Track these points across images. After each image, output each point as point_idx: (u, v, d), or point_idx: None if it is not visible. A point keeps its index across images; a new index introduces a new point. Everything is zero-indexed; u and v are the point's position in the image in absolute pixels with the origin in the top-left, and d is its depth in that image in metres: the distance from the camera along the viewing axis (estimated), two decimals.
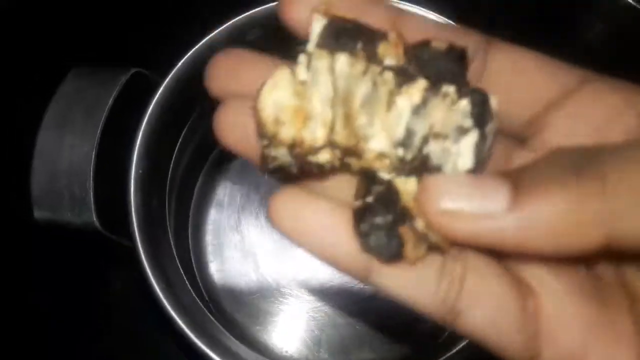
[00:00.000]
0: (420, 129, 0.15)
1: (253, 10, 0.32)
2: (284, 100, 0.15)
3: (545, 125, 0.17)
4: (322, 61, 0.15)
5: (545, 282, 0.16)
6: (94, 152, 0.28)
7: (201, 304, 0.29)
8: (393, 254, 0.16)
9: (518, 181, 0.14)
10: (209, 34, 0.32)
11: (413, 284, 0.16)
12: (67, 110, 0.29)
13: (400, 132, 0.15)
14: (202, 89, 0.34)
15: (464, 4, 0.41)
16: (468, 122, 0.15)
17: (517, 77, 0.17)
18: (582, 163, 0.14)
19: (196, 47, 0.31)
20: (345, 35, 0.15)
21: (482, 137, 0.15)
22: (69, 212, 0.28)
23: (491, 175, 0.15)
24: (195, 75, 0.32)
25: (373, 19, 0.17)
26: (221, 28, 0.32)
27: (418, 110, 0.15)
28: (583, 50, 0.46)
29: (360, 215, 0.16)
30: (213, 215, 0.39)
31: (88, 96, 0.30)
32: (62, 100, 0.30)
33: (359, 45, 0.15)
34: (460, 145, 0.15)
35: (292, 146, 0.15)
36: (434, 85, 0.15)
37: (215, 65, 0.18)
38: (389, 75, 0.15)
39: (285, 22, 0.18)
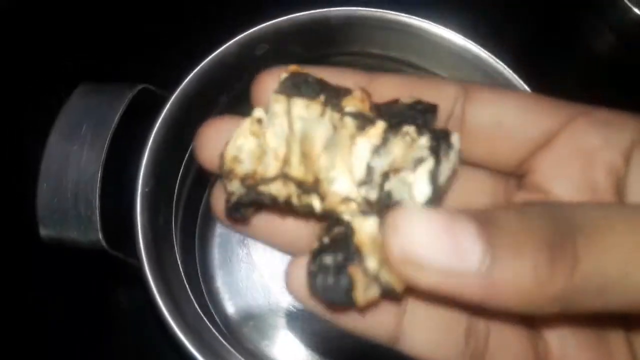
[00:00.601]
0: (380, 166, 0.16)
1: (260, 26, 0.32)
2: (244, 142, 0.16)
3: (532, 168, 0.17)
4: (278, 104, 0.16)
5: (554, 329, 0.17)
6: (100, 171, 0.28)
7: (208, 322, 0.29)
8: (341, 297, 0.15)
9: (491, 236, 0.13)
10: (217, 50, 0.32)
11: (442, 346, 0.17)
12: (74, 126, 0.29)
13: (361, 171, 0.15)
14: (209, 104, 0.34)
15: (471, 14, 0.41)
16: (425, 153, 0.15)
17: (496, 129, 0.17)
18: (556, 232, 0.14)
19: (203, 62, 0.31)
20: (307, 86, 0.16)
21: (438, 164, 0.15)
22: (75, 231, 0.28)
23: (462, 216, 0.14)
24: (202, 91, 0.32)
25: (347, 82, 0.17)
26: (229, 43, 0.32)
27: (378, 149, 0.15)
28: (591, 60, 0.45)
29: (313, 256, 0.16)
30: (219, 229, 0.39)
31: (95, 112, 0.29)
32: (68, 116, 0.30)
33: (321, 97, 0.16)
34: (416, 173, 0.15)
35: (245, 178, 0.16)
36: (394, 127, 0.16)
37: (202, 137, 0.18)
38: (348, 120, 0.16)
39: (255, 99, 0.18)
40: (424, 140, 0.16)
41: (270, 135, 0.16)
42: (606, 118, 0.17)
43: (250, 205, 0.17)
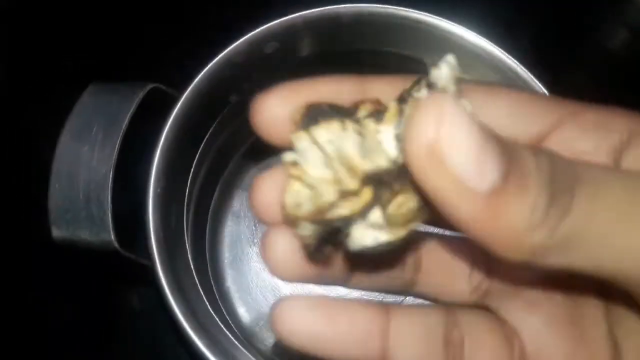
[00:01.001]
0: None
1: (270, 24, 0.32)
2: (295, 186, 0.17)
3: None
4: (303, 141, 0.17)
5: (525, 321, 0.18)
6: (111, 171, 0.28)
7: (220, 323, 0.29)
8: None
9: (510, 166, 0.13)
10: (226, 49, 0.31)
11: (426, 357, 0.17)
12: (85, 126, 0.29)
13: (393, 149, 0.16)
14: (220, 103, 0.34)
15: (481, 12, 0.40)
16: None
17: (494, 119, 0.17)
18: (560, 179, 0.14)
19: (214, 61, 0.31)
20: (323, 115, 0.17)
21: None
22: (87, 231, 0.28)
23: (495, 138, 0.14)
24: (213, 90, 0.32)
25: (344, 96, 0.18)
26: (238, 42, 0.32)
27: (399, 124, 0.16)
28: (605, 57, 0.45)
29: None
30: (230, 227, 0.39)
31: (106, 112, 0.29)
32: (79, 117, 0.30)
33: (338, 118, 0.17)
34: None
35: (311, 216, 0.16)
36: (404, 101, 0.17)
37: (256, 193, 0.18)
38: (367, 121, 0.16)
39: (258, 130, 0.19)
40: (425, 91, 0.16)
41: (312, 169, 0.16)
42: (595, 120, 0.17)
43: (328, 240, 0.17)
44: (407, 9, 0.33)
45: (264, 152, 0.40)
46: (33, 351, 0.36)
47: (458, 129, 0.13)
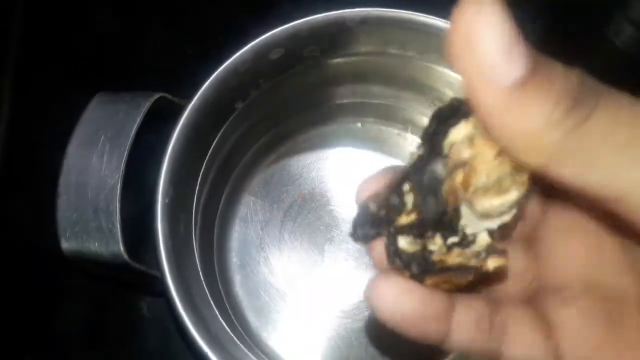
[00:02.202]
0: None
1: (275, 30, 0.32)
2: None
3: None
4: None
5: (562, 314, 0.19)
6: (119, 182, 0.28)
7: (230, 331, 0.29)
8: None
9: (537, 64, 0.14)
10: (232, 56, 0.31)
11: (476, 340, 0.19)
12: (92, 137, 0.29)
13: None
14: (226, 110, 0.34)
15: None
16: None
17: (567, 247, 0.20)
18: (585, 92, 0.14)
19: (219, 69, 0.31)
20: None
21: None
22: (96, 243, 0.28)
23: (525, 46, 0.14)
24: (219, 98, 0.32)
25: None
26: (243, 50, 0.31)
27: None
28: (611, 54, 0.44)
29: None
30: (237, 233, 0.38)
31: (113, 122, 0.29)
32: (86, 127, 0.29)
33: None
34: None
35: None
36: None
37: (377, 296, 0.18)
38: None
39: None
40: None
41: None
42: None
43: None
44: (413, 12, 0.32)
45: (269, 157, 0.40)
46: (41, 354, 0.36)
47: (494, 20, 0.14)
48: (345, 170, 0.40)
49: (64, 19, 0.39)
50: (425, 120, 0.40)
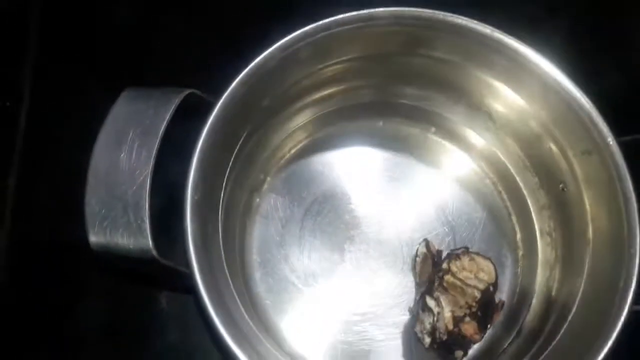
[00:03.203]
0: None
1: (303, 29, 0.32)
2: None
3: None
4: None
5: None
6: (149, 179, 0.28)
7: (257, 331, 0.29)
8: None
9: None
10: (261, 54, 0.31)
11: None
12: (121, 133, 0.29)
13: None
14: (254, 107, 0.34)
15: (519, 17, 0.39)
16: None
17: None
18: None
19: (249, 66, 0.31)
20: None
21: None
22: (124, 239, 0.28)
23: None
24: (248, 95, 0.31)
25: None
26: (273, 47, 0.31)
27: None
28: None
29: None
30: (258, 230, 0.38)
31: (142, 118, 0.29)
32: (115, 123, 0.29)
33: None
34: None
35: None
36: None
37: None
38: None
39: None
40: None
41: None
42: None
43: None
44: (445, 13, 0.32)
45: (292, 154, 0.40)
46: (61, 347, 0.36)
47: None
48: (367, 169, 0.40)
49: (91, 11, 0.39)
50: (450, 123, 0.40)
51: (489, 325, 0.35)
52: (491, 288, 0.34)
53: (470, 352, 0.35)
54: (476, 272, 0.34)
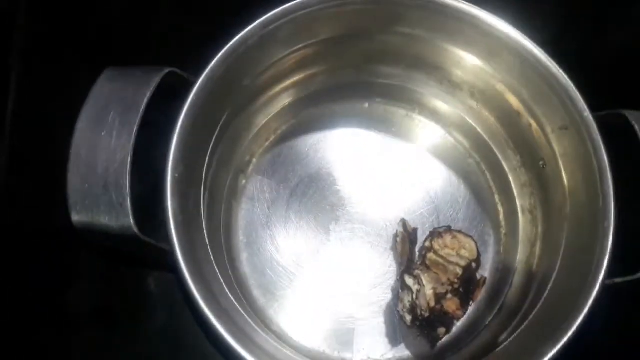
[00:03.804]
0: None
1: (284, 6, 0.32)
2: None
3: None
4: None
5: None
6: (129, 157, 0.28)
7: (239, 307, 0.29)
8: None
9: None
10: (241, 32, 0.31)
11: None
12: (102, 112, 0.29)
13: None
14: (235, 86, 0.34)
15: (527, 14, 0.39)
16: None
17: None
18: None
19: (229, 44, 0.31)
20: None
21: None
22: (106, 216, 0.28)
23: None
24: (228, 74, 0.32)
25: None
26: (253, 25, 0.31)
27: None
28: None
29: None
30: (244, 211, 0.39)
31: (122, 97, 0.29)
32: (96, 102, 0.29)
33: None
34: None
35: None
36: None
37: None
38: None
39: None
40: None
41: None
42: None
43: None
44: None
45: (277, 135, 0.40)
46: (52, 330, 0.36)
47: None
48: (352, 150, 0.40)
49: None
50: (433, 102, 0.40)
51: (471, 302, 0.35)
52: (473, 265, 0.35)
53: (454, 329, 0.36)
54: (458, 249, 0.35)
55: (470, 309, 0.36)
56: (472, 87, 0.38)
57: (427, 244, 0.35)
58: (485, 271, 0.37)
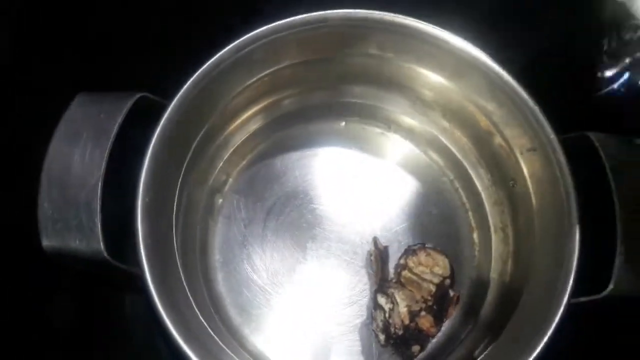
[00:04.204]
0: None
1: (256, 31, 0.32)
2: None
3: None
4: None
5: None
6: (100, 181, 0.28)
7: (210, 330, 0.29)
8: None
9: None
10: (214, 56, 0.32)
11: None
12: (74, 136, 0.29)
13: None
14: (209, 108, 0.34)
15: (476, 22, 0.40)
16: None
17: None
18: None
19: (201, 69, 0.31)
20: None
21: None
22: (77, 241, 0.28)
23: None
24: (200, 97, 0.32)
25: None
26: (226, 49, 0.32)
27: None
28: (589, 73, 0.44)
29: None
30: (220, 231, 0.39)
31: (94, 122, 0.29)
32: (67, 127, 0.30)
33: None
34: None
35: None
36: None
37: None
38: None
39: None
40: None
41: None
42: None
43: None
44: (395, 15, 0.33)
45: (253, 155, 0.41)
46: (30, 355, 0.36)
47: None
48: (328, 169, 0.41)
49: (43, 18, 0.39)
50: (407, 121, 0.41)
51: (444, 319, 0.35)
52: (446, 282, 0.35)
53: (428, 345, 0.36)
54: (432, 266, 0.35)
55: (446, 324, 0.36)
56: (443, 108, 0.38)
57: (402, 261, 0.36)
58: (460, 288, 0.38)
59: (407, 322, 0.34)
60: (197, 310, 0.30)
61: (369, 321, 0.37)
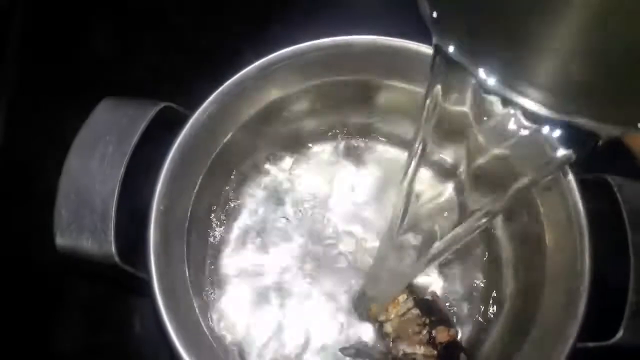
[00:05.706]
0: None
1: (281, 51, 0.33)
2: None
3: None
4: None
5: None
6: (117, 187, 0.29)
7: (212, 339, 0.29)
8: None
9: None
10: (239, 71, 0.32)
11: None
12: (95, 140, 0.30)
13: None
14: (228, 125, 0.35)
15: None
16: None
17: None
18: None
19: (225, 83, 0.32)
20: None
21: None
22: (89, 243, 0.28)
23: None
24: (222, 112, 0.33)
25: None
26: (251, 66, 0.32)
27: None
28: None
29: None
30: (232, 242, 0.39)
31: (117, 127, 0.30)
32: (91, 130, 0.30)
33: None
34: None
35: None
36: None
37: None
38: None
39: None
40: None
41: None
42: None
43: None
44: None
45: (264, 172, 0.41)
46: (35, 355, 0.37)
47: None
48: (345, 186, 0.41)
49: (73, 22, 0.40)
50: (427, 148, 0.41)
51: None
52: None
53: None
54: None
55: None
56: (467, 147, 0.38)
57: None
58: (465, 324, 0.37)
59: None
60: (201, 322, 0.30)
61: None
